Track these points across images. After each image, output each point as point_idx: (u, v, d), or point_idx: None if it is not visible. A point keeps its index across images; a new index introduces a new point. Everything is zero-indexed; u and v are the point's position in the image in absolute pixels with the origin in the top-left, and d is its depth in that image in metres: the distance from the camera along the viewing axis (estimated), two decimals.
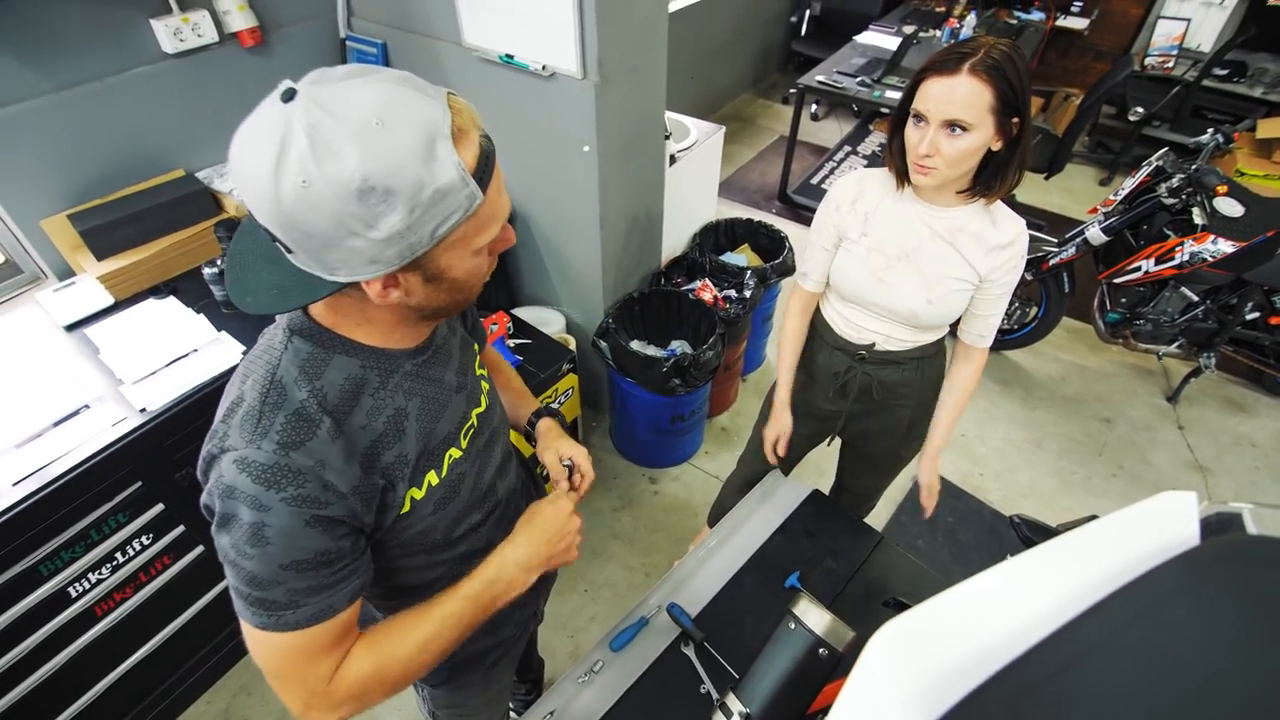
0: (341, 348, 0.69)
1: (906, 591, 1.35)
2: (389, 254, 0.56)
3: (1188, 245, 2.28)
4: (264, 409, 0.64)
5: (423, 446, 0.76)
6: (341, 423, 0.68)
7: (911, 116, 1.13)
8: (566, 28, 1.59)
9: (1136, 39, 4.42)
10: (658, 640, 1.26)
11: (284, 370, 0.66)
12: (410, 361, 0.74)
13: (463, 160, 0.56)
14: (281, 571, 0.63)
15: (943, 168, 1.12)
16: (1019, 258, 1.25)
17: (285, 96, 0.52)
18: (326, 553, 0.65)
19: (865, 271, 1.32)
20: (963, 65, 1.04)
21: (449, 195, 0.56)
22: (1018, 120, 1.09)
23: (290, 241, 0.56)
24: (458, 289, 0.67)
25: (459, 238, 0.60)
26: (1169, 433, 2.69)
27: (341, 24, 2.14)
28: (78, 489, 1.38)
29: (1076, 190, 4.09)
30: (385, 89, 0.54)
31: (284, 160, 0.51)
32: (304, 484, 0.63)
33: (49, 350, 1.59)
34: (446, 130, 0.55)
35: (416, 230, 0.56)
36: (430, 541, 0.84)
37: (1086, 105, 3.26)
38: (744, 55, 4.88)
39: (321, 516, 0.64)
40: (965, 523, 2.34)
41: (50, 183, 1.72)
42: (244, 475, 0.62)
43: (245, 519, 0.62)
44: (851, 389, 1.49)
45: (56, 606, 1.43)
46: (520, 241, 2.29)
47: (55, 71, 1.64)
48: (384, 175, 0.52)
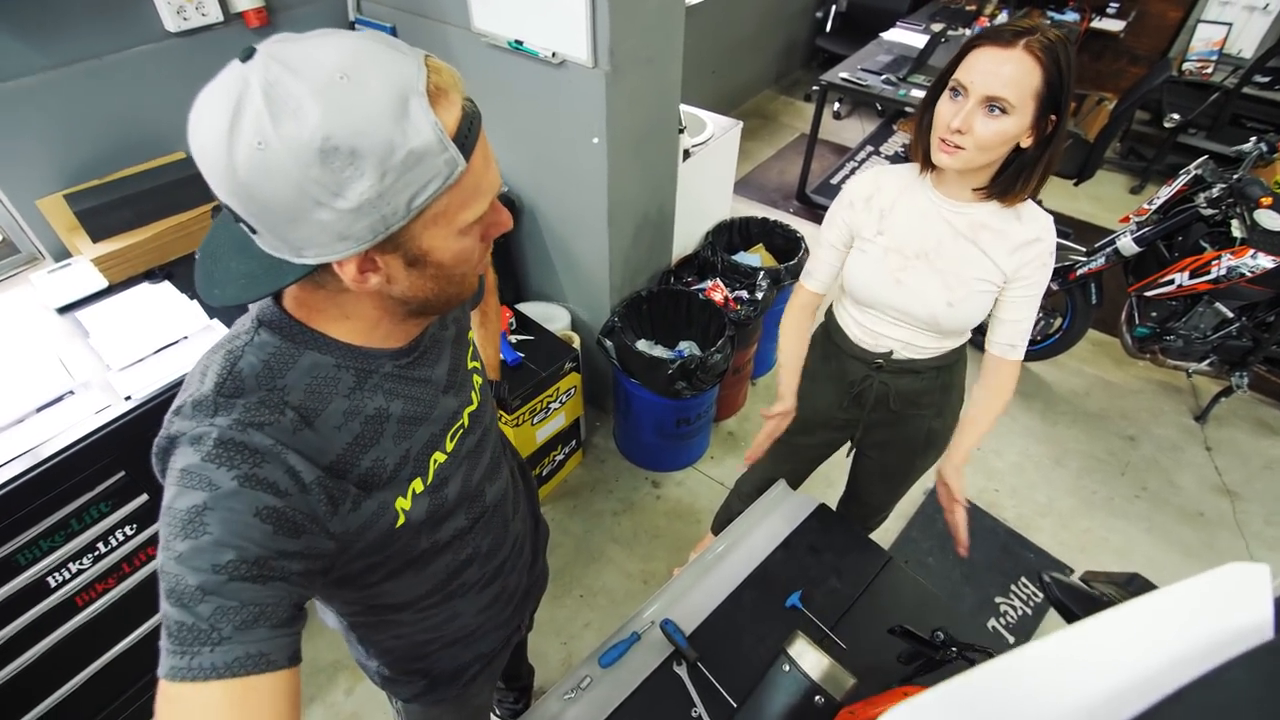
0: (314, 343, 0.62)
1: (913, 617, 1.27)
2: (360, 228, 0.50)
3: (1225, 259, 2.17)
4: (219, 398, 0.58)
5: (404, 452, 0.70)
6: (311, 420, 0.61)
7: (949, 89, 1.05)
8: (578, 14, 1.52)
9: (1174, 43, 4.27)
10: (649, 658, 1.20)
11: (245, 363, 0.60)
12: (393, 362, 0.68)
13: (441, 121, 0.50)
14: (213, 576, 0.52)
15: (971, 149, 1.05)
16: (1048, 254, 1.17)
17: (244, 55, 0.47)
18: (271, 564, 0.55)
19: (882, 272, 1.24)
20: (1018, 40, 0.98)
21: (425, 159, 0.49)
22: (1054, 117, 1.02)
23: (252, 218, 0.50)
24: (446, 277, 0.60)
25: (440, 211, 0.54)
26: (1196, 454, 2.58)
27: (351, 6, 2.09)
28: (59, 477, 1.34)
29: (1106, 198, 3.96)
30: (353, 43, 0.48)
31: (238, 123, 0.46)
32: (262, 463, 0.56)
33: (39, 333, 1.55)
34: (421, 87, 0.49)
35: (389, 199, 0.50)
36: (415, 552, 0.77)
37: (1120, 110, 3.14)
38: (767, 50, 4.78)
39: (276, 510, 0.56)
40: (978, 541, 2.25)
41: (47, 162, 1.69)
42: (196, 453, 0.55)
43: (185, 503, 0.53)
44: (867, 398, 1.42)
45: (35, 596, 1.40)
46: (526, 234, 2.23)
47: (54, 48, 1.60)
48: (349, 134, 0.46)
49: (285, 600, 0.56)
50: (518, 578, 1.03)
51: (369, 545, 0.69)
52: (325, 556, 0.62)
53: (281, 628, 0.55)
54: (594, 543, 2.22)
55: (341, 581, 0.73)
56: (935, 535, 2.25)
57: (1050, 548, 2.24)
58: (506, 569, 0.97)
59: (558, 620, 2.01)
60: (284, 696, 0.53)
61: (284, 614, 0.55)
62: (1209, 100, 3.65)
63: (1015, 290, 1.20)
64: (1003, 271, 1.17)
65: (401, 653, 0.94)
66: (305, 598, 0.60)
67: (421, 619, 0.88)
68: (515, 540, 0.98)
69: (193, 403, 0.58)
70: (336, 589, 0.76)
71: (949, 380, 1.39)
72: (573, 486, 2.39)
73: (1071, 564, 2.19)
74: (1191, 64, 3.86)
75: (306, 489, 0.59)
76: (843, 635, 1.25)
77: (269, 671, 0.52)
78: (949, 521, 1.33)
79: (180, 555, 0.52)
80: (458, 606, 0.90)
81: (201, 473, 0.54)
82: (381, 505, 0.67)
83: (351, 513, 0.64)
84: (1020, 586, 2.13)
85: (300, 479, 0.58)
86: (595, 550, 2.20)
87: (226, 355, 0.61)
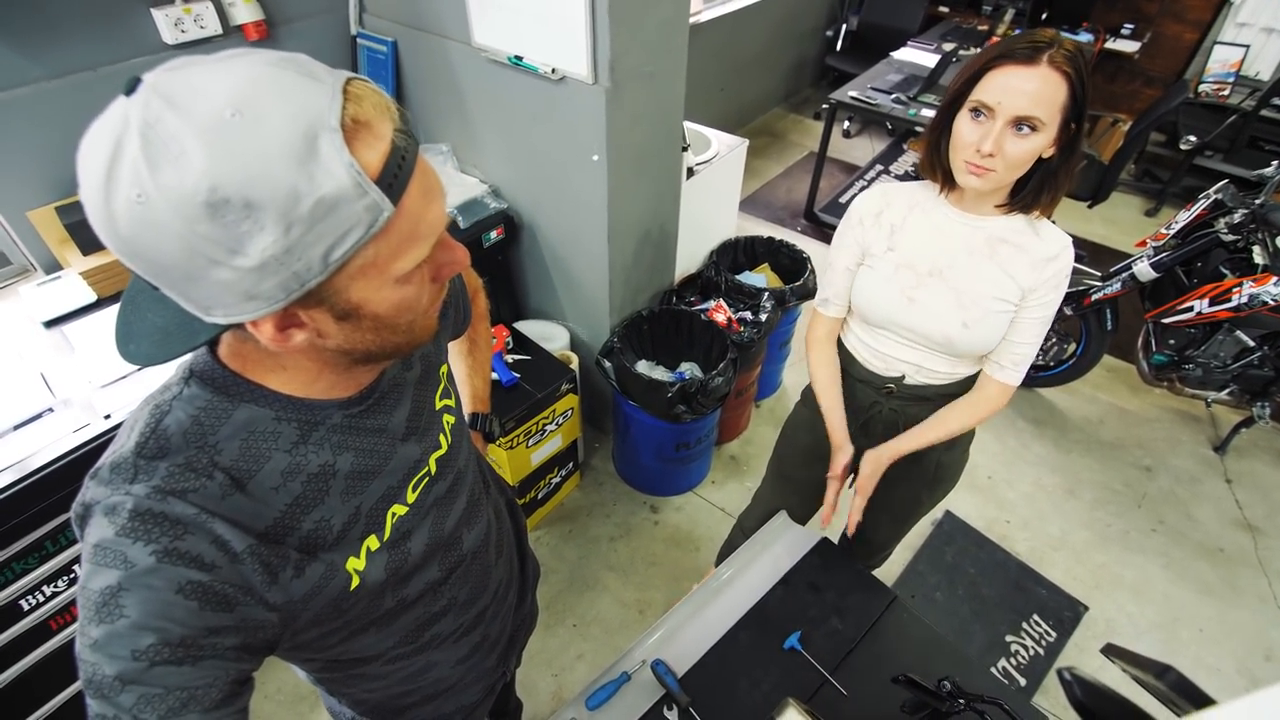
0: (250, 395, 0.55)
1: (920, 665, 1.21)
2: (268, 286, 0.43)
3: (1247, 286, 2.10)
4: (139, 460, 0.52)
5: (354, 509, 0.63)
6: (243, 483, 0.55)
7: (968, 110, 1.01)
8: (578, 29, 1.49)
9: (1190, 64, 4.21)
10: (639, 700, 1.15)
11: (172, 419, 0.53)
12: (342, 413, 0.60)
13: (359, 161, 0.43)
14: (132, 663, 0.47)
15: (1001, 170, 1.00)
16: (1064, 275, 1.12)
17: (128, 88, 0.41)
18: (199, 643, 0.49)
19: (892, 290, 1.18)
20: (1041, 55, 0.94)
21: (339, 207, 0.42)
22: (1075, 125, 0.98)
23: (145, 274, 0.44)
24: (387, 328, 0.52)
25: (368, 263, 0.47)
26: (1215, 486, 2.49)
27: (353, 20, 2.07)
28: (34, 497, 1.30)
29: (1121, 220, 3.89)
30: (254, 70, 0.41)
31: (115, 171, 0.40)
32: (184, 535, 0.50)
33: (24, 347, 1.52)
34: (334, 121, 0.42)
35: (299, 254, 0.42)
36: (379, 612, 0.70)
37: (1135, 132, 3.08)
38: (777, 69, 4.76)
39: (201, 585, 0.50)
40: (988, 575, 2.16)
41: (40, 173, 1.66)
42: (110, 526, 0.49)
43: (98, 583, 0.48)
44: (876, 427, 1.35)
45: (8, 620, 1.35)
46: (525, 252, 2.19)
47: (48, 58, 1.58)
48: (241, 182, 0.39)
49: (220, 679, 0.50)
50: (500, 624, 0.97)
51: (321, 612, 0.62)
52: (267, 628, 0.56)
53: (217, 709, 0.49)
54: (589, 570, 2.15)
55: (296, 648, 0.67)
56: (943, 569, 2.17)
57: (1064, 583, 2.15)
58: (488, 616, 0.91)
59: (549, 650, 1.94)
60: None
61: (218, 695, 0.50)
62: (1226, 122, 3.59)
63: (1027, 310, 1.14)
64: (1021, 288, 1.12)
65: (375, 705, 0.88)
66: (247, 672, 0.54)
67: (392, 670, 0.81)
68: (497, 587, 0.92)
69: (110, 465, 0.52)
70: (292, 653, 0.70)
71: None
72: (569, 510, 2.33)
73: (1086, 601, 2.10)
74: (1208, 86, 3.80)
75: (237, 559, 0.53)
76: (843, 681, 1.18)
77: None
78: (824, 499, 1.35)
79: (95, 642, 0.47)
80: (432, 657, 0.84)
81: (116, 548, 0.49)
82: (329, 568, 0.61)
83: (295, 580, 0.58)
84: (1033, 625, 2.04)
85: (229, 548, 0.52)
86: (590, 578, 2.13)
87: (153, 411, 0.54)
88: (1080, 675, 0.78)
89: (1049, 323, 1.16)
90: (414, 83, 2.10)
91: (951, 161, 1.06)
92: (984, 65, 0.99)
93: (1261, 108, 3.57)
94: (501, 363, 1.93)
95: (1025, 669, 1.94)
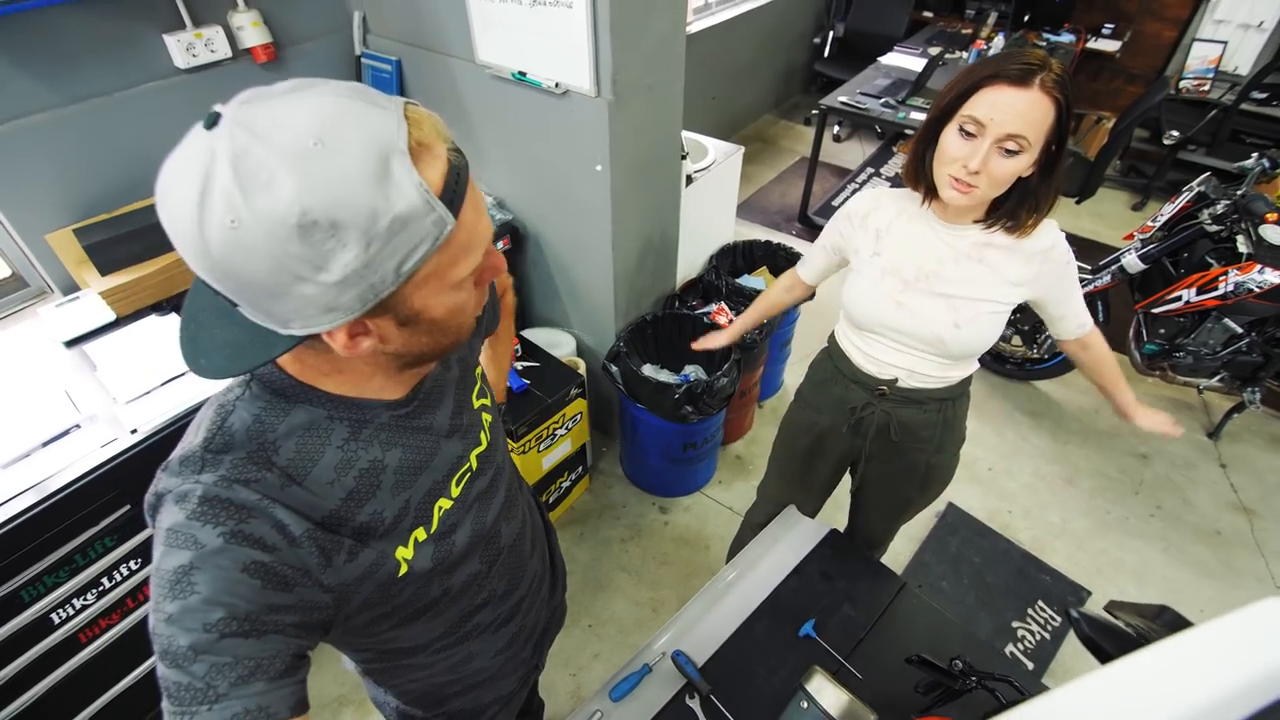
0: (305, 397, 0.61)
1: (931, 645, 1.24)
2: (347, 299, 0.48)
3: (1232, 275, 2.16)
4: (206, 454, 0.57)
5: (404, 502, 0.67)
6: (300, 479, 0.60)
7: (959, 126, 1.02)
8: (580, 45, 1.54)
9: (1170, 61, 4.31)
10: (661, 691, 1.18)
11: (236, 418, 0.59)
12: (389, 413, 0.65)
13: (425, 180, 0.47)
14: (204, 635, 0.50)
15: (985, 187, 1.03)
16: (1065, 253, 1.17)
17: (208, 122, 0.44)
18: (262, 619, 0.53)
19: (881, 295, 1.22)
20: (1034, 78, 0.96)
21: (411, 223, 0.47)
22: (1055, 147, 1.01)
23: (230, 293, 0.48)
24: (440, 330, 0.58)
25: (431, 272, 0.51)
26: (1210, 471, 2.54)
27: (357, 41, 2.12)
28: (64, 512, 1.33)
29: (1108, 215, 3.96)
30: (326, 102, 0.45)
31: (208, 199, 0.43)
32: (248, 519, 0.55)
33: (47, 366, 1.56)
34: (403, 145, 0.46)
35: (376, 268, 0.47)
36: (426, 600, 0.75)
37: (1119, 129, 3.16)
38: (766, 76, 4.84)
39: (264, 565, 0.54)
40: (993, 564, 2.21)
41: (57, 196, 1.71)
42: (181, 511, 0.54)
43: (171, 563, 0.52)
44: (867, 427, 1.38)
45: (38, 633, 1.38)
46: (531, 261, 2.24)
47: (65, 85, 1.63)
48: (328, 206, 0.43)
49: (283, 652, 0.54)
50: (535, 615, 1.01)
51: (371, 596, 0.67)
52: (322, 609, 0.60)
53: (280, 679, 0.53)
54: (602, 571, 2.19)
55: (349, 633, 0.71)
56: (948, 559, 2.22)
57: (1066, 570, 2.20)
58: (524, 608, 0.95)
59: (566, 651, 1.98)
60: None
61: (281, 665, 0.54)
62: (1207, 117, 3.67)
63: (1052, 291, 1.19)
64: (1013, 284, 1.15)
65: (420, 694, 0.92)
66: (305, 648, 0.58)
67: (437, 661, 0.86)
68: (532, 579, 0.96)
69: (180, 459, 0.57)
70: (345, 636, 0.74)
71: (951, 415, 1.35)
72: (580, 513, 2.37)
73: (1089, 586, 2.15)
74: (1188, 82, 3.89)
75: (296, 542, 0.57)
76: (858, 665, 1.22)
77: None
78: (1160, 430, 1.40)
79: (170, 616, 0.51)
80: (472, 648, 0.88)
81: (187, 531, 0.53)
82: (380, 555, 0.65)
83: (347, 564, 0.62)
84: (1038, 610, 2.08)
85: (289, 533, 0.57)
86: (603, 578, 2.17)
87: (218, 410, 0.60)
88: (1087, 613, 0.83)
89: (1078, 283, 1.22)
90: (418, 100, 2.14)
91: (936, 175, 1.08)
92: (976, 82, 1.00)
93: (1241, 102, 3.66)
94: (511, 370, 1.97)
95: (1032, 653, 1.98)
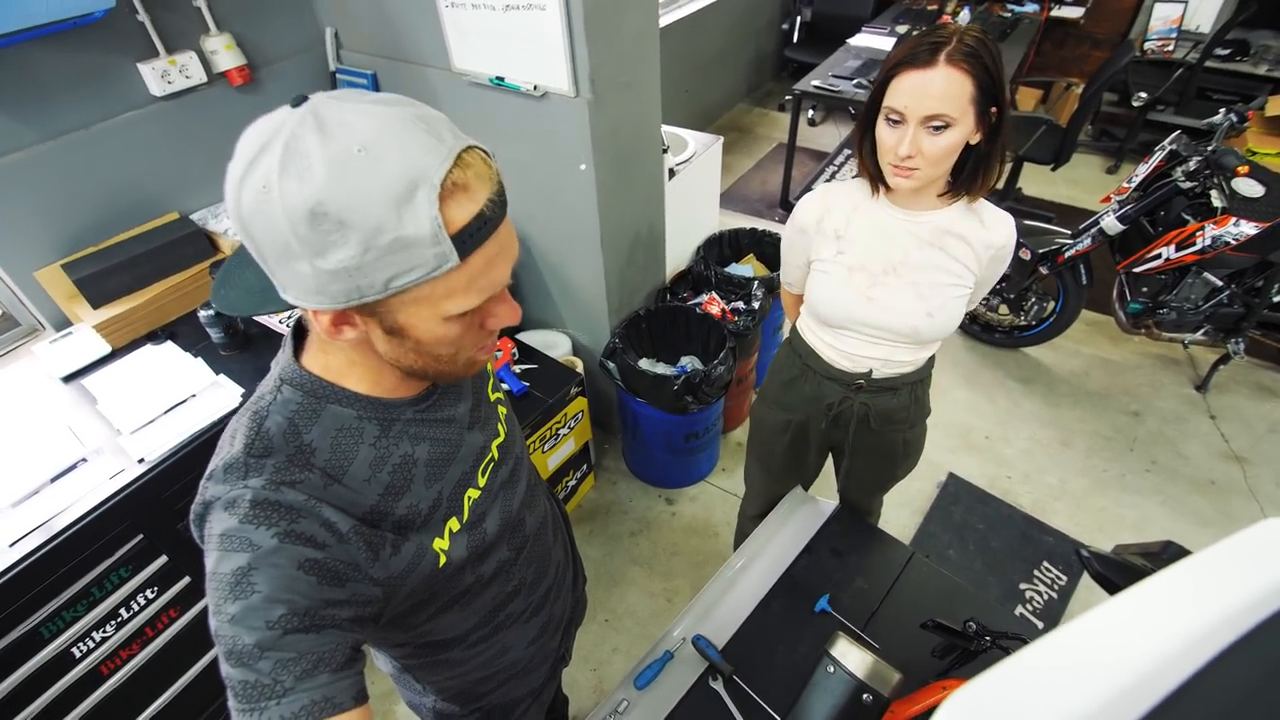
0: (334, 397, 0.63)
1: (943, 610, 1.27)
2: (334, 289, 0.51)
3: (1209, 229, 2.21)
4: (249, 459, 0.59)
5: (437, 494, 0.70)
6: (339, 477, 0.62)
7: (884, 117, 1.04)
8: (556, 47, 1.56)
9: (1134, 24, 4.36)
10: (684, 675, 1.20)
11: (271, 423, 0.61)
12: (413, 409, 0.68)
13: (446, 216, 0.50)
14: (267, 632, 0.53)
15: (925, 168, 1.03)
16: (1009, 254, 1.19)
17: (295, 101, 0.50)
18: (320, 614, 0.56)
19: (849, 291, 1.21)
20: (938, 55, 0.96)
21: (412, 248, 0.50)
22: (996, 109, 1.02)
23: (248, 247, 0.53)
24: (428, 354, 0.60)
25: (422, 296, 0.54)
26: (1201, 423, 2.60)
27: (331, 57, 2.12)
28: (77, 546, 1.33)
29: (1084, 180, 4.02)
30: (394, 120, 0.49)
31: (256, 163, 0.48)
32: (298, 519, 0.57)
33: (46, 403, 1.56)
34: (437, 179, 0.49)
35: (367, 273, 0.50)
36: (460, 588, 0.77)
37: (1089, 94, 3.20)
38: (737, 65, 4.86)
39: (318, 562, 0.57)
40: (996, 529, 2.25)
41: (42, 233, 1.70)
42: (233, 516, 0.56)
43: (229, 566, 0.55)
44: (846, 420, 1.38)
45: (60, 669, 1.38)
46: (521, 265, 2.25)
47: (42, 122, 1.62)
48: (343, 205, 0.47)
49: (342, 645, 0.57)
50: (562, 604, 1.03)
51: (416, 588, 0.69)
52: (374, 602, 0.63)
53: (342, 670, 0.55)
54: (614, 565, 2.21)
55: (389, 625, 0.74)
56: (953, 527, 2.26)
57: (1068, 529, 2.24)
58: (551, 596, 0.97)
59: (585, 647, 1.99)
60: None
61: (342, 658, 0.56)
62: (1174, 77, 3.73)
63: (978, 287, 1.23)
64: (973, 273, 1.17)
65: (457, 691, 0.94)
66: (360, 642, 0.60)
67: (472, 655, 0.88)
68: (557, 566, 0.99)
69: (224, 466, 0.59)
70: (385, 631, 0.76)
71: (921, 393, 1.37)
72: (588, 511, 2.39)
73: (1091, 542, 2.18)
74: (1153, 43, 3.94)
75: (344, 539, 0.60)
76: (875, 634, 1.24)
77: (337, 714, 0.53)
78: None
79: (233, 617, 0.53)
80: (506, 639, 0.90)
81: (241, 535, 0.55)
82: (420, 548, 0.68)
83: (393, 557, 0.65)
84: (1043, 571, 2.13)
85: (337, 530, 0.59)
86: (616, 573, 2.19)
87: (253, 417, 0.62)
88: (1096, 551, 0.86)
89: (993, 283, 1.25)
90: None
91: (880, 165, 1.10)
92: (888, 72, 1.01)
93: (1205, 60, 3.72)
94: (510, 374, 1.98)
95: (1042, 613, 2.02)
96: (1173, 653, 0.32)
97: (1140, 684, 0.31)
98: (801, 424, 1.46)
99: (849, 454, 1.48)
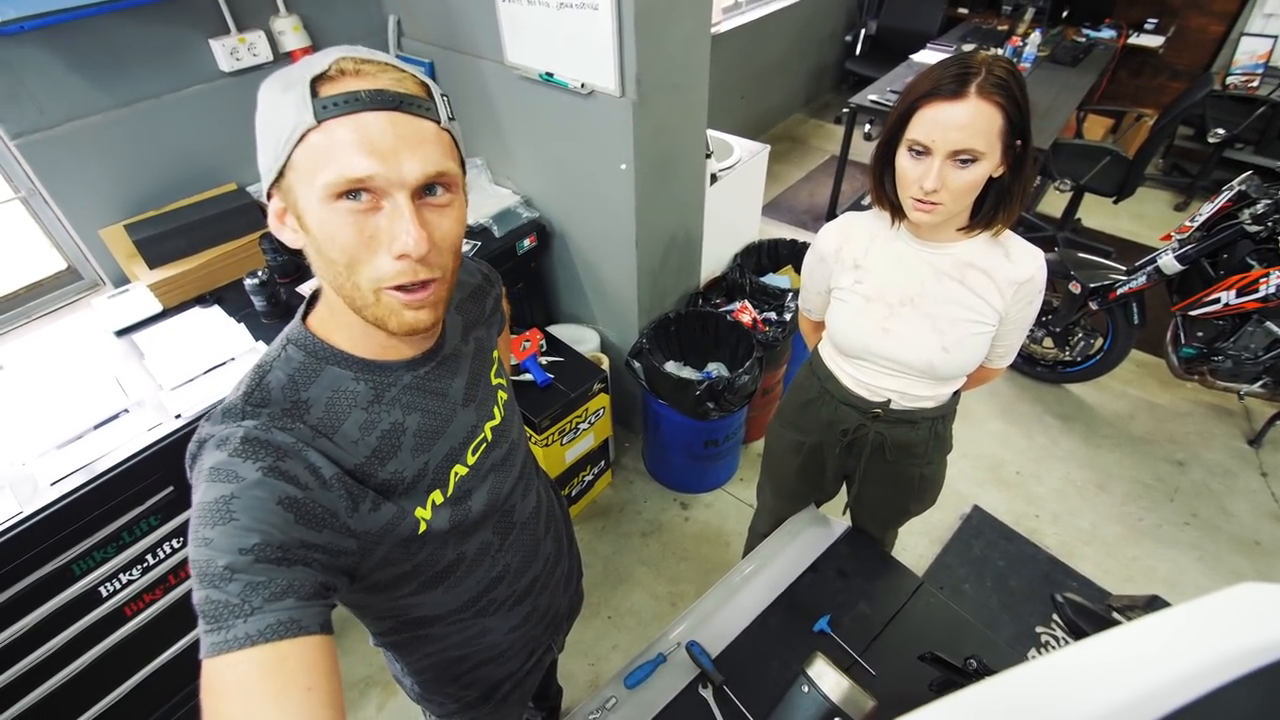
0: (333, 359, 0.67)
1: (946, 644, 1.24)
2: (263, 163, 0.60)
3: (1274, 277, 2.10)
4: (246, 406, 0.63)
5: (423, 464, 0.73)
6: (329, 434, 0.66)
7: (907, 149, 1.00)
8: (605, 46, 1.57)
9: (1217, 57, 4.17)
10: (675, 680, 1.20)
11: (273, 377, 0.66)
12: (410, 374, 0.72)
13: (320, 89, 0.56)
14: (240, 557, 0.54)
15: (949, 203, 0.99)
16: (1037, 292, 1.13)
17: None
18: (294, 551, 0.57)
19: (866, 322, 1.18)
20: (968, 86, 0.92)
21: (284, 110, 0.57)
22: (1020, 142, 0.98)
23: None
24: (326, 257, 0.60)
25: (299, 165, 0.58)
26: (1251, 479, 2.47)
27: (391, 44, 2.18)
28: (112, 491, 1.40)
29: (1149, 216, 3.86)
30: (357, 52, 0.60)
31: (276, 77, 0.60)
32: (284, 458, 0.60)
33: (99, 354, 1.64)
34: (324, 63, 0.57)
35: (275, 125, 0.57)
36: (443, 563, 0.79)
37: (1161, 126, 3.08)
38: (796, 75, 4.82)
39: (297, 500, 0.59)
40: (1017, 568, 2.18)
41: (110, 194, 1.80)
42: (222, 452, 0.59)
43: (213, 495, 0.57)
44: (861, 447, 1.34)
45: (87, 605, 1.46)
46: (556, 258, 2.28)
47: (118, 88, 1.71)
48: (266, 87, 0.59)
49: (311, 580, 0.58)
50: (550, 597, 1.04)
51: (393, 551, 0.71)
52: (347, 554, 0.64)
53: (310, 599, 0.57)
54: (622, 564, 2.22)
55: (373, 589, 0.76)
56: (971, 561, 2.20)
57: (1095, 576, 2.16)
58: (537, 588, 0.98)
59: (585, 641, 2.01)
60: (320, 661, 0.55)
61: (310, 589, 0.57)
62: (1255, 114, 3.55)
63: (1005, 326, 1.17)
64: (996, 310, 1.12)
65: (435, 671, 0.96)
66: (331, 585, 0.61)
67: (452, 633, 0.89)
68: (546, 559, 1.00)
69: (222, 410, 0.63)
70: (368, 597, 0.78)
71: (942, 430, 1.33)
72: (602, 507, 2.40)
73: (1118, 593, 2.10)
74: (1236, 78, 3.77)
75: (326, 484, 0.62)
76: (872, 661, 1.22)
77: (302, 635, 0.54)
78: None
79: (209, 540, 0.55)
80: (488, 623, 0.92)
81: (228, 468, 0.58)
82: (400, 511, 0.70)
83: (371, 513, 0.67)
84: None
85: (320, 474, 0.62)
86: (623, 571, 2.20)
87: (257, 370, 0.67)
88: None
89: (1030, 324, 1.19)
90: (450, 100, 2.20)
91: (900, 198, 1.06)
92: (913, 103, 0.97)
93: None
94: (536, 364, 2.01)
95: None
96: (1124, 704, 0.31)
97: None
98: (815, 447, 1.44)
99: (860, 481, 1.44)
